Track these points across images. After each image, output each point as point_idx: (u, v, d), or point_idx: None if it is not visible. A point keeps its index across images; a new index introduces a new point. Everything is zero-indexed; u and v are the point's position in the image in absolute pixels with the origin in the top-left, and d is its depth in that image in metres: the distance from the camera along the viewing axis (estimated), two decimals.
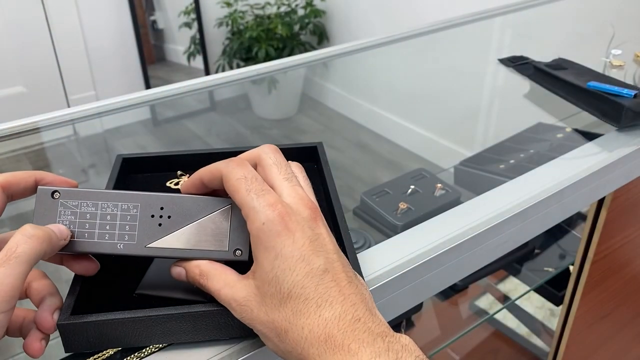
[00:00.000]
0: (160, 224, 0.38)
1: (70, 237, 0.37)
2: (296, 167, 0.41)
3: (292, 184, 0.37)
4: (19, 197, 0.39)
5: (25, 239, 0.33)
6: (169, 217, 0.38)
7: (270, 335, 0.34)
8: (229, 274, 0.37)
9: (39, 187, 0.38)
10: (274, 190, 0.36)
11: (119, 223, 0.38)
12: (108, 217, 0.38)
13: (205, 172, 0.38)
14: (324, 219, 0.37)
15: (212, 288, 0.36)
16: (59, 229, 0.36)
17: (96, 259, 0.40)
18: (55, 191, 0.38)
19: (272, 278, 0.34)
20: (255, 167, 0.38)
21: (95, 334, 0.36)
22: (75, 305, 0.37)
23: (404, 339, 0.33)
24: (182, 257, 0.38)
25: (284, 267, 0.34)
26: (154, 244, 0.38)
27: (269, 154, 0.38)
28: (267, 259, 0.34)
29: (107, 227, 0.38)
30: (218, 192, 0.40)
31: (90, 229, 0.37)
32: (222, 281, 0.36)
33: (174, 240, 0.38)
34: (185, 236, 0.38)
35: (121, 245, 0.37)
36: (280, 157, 0.39)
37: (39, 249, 0.33)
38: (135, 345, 0.38)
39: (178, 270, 0.38)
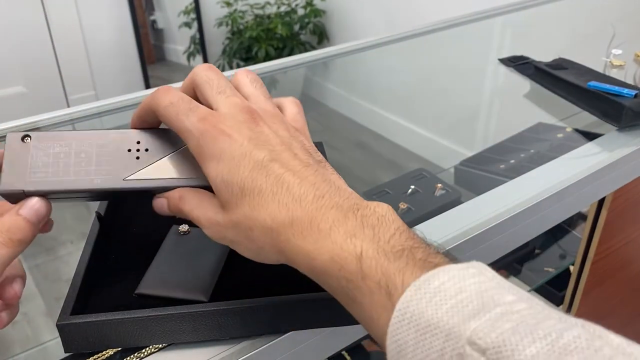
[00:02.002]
0: (137, 157, 0.37)
1: (45, 176, 0.35)
2: (243, 74, 0.38)
3: (226, 95, 0.35)
4: None
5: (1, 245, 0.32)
6: (147, 150, 0.37)
7: (241, 240, 0.33)
8: (203, 195, 0.35)
9: (8, 133, 0.36)
10: (211, 107, 0.35)
11: (95, 159, 0.36)
12: (83, 155, 0.36)
13: (141, 111, 0.37)
14: (271, 120, 0.35)
15: (185, 209, 0.35)
16: (37, 213, 0.34)
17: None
18: (26, 135, 0.36)
19: (220, 183, 0.33)
20: (194, 92, 0.37)
21: (95, 334, 0.36)
22: (75, 305, 0.37)
23: (380, 208, 0.31)
24: (161, 188, 0.37)
25: (228, 169, 0.32)
26: (132, 177, 0.36)
27: (200, 73, 0.36)
28: (212, 168, 0.33)
29: (83, 164, 0.36)
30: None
31: (65, 167, 0.36)
32: (195, 202, 0.35)
33: (153, 171, 0.37)
34: (164, 167, 0.37)
35: (98, 180, 0.36)
36: (213, 73, 0.36)
37: (13, 254, 0.33)
38: (135, 345, 0.38)
39: (160, 202, 0.37)
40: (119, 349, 0.38)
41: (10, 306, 0.36)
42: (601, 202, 0.73)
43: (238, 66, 2.89)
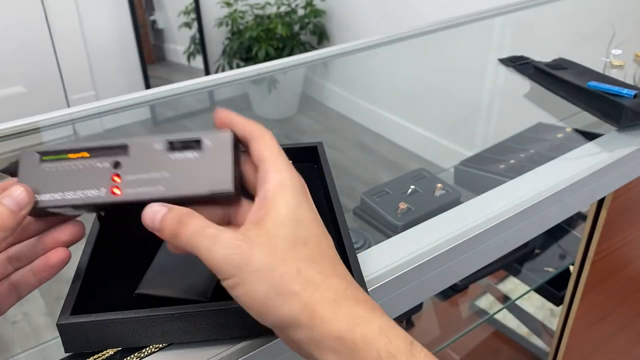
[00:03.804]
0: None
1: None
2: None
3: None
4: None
5: None
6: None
7: (267, 275, 0.31)
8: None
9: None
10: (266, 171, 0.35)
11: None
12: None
13: (240, 125, 0.36)
14: None
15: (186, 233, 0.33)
16: (16, 199, 0.34)
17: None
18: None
19: (291, 221, 0.33)
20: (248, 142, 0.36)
21: (95, 334, 0.36)
22: (75, 305, 0.37)
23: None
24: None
25: (304, 216, 0.33)
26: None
27: (274, 141, 0.37)
28: (290, 205, 0.33)
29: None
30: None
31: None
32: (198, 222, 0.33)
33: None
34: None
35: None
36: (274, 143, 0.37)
37: None
38: (135, 345, 0.38)
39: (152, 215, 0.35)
40: (119, 349, 0.38)
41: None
42: (601, 202, 0.73)
43: (238, 66, 2.89)
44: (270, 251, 0.31)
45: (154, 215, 0.34)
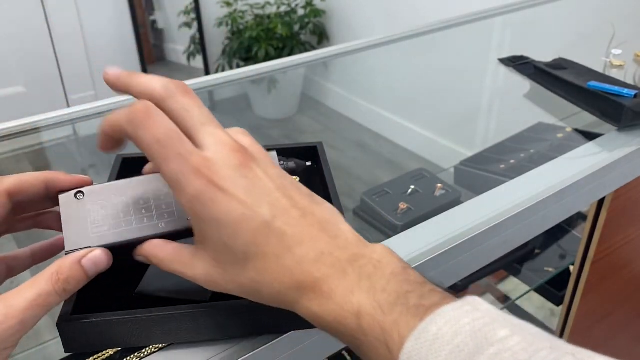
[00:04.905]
0: None
1: (108, 229, 0.36)
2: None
3: (212, 129, 0.33)
4: (29, 208, 0.38)
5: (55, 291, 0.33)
6: None
7: (246, 296, 0.33)
8: (178, 249, 0.35)
9: (60, 195, 0.36)
10: (193, 140, 0.32)
11: (154, 204, 0.37)
12: (141, 202, 0.37)
13: (112, 131, 0.33)
14: (259, 156, 0.34)
15: (164, 266, 0.35)
16: (96, 266, 0.34)
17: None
18: (79, 192, 0.36)
19: (223, 247, 0.32)
20: (158, 104, 0.33)
21: (95, 334, 0.36)
22: (75, 305, 0.37)
23: (377, 254, 0.32)
24: None
25: (229, 233, 0.31)
26: None
27: (176, 98, 0.33)
28: (211, 230, 0.32)
29: (143, 211, 0.36)
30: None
31: (126, 216, 0.36)
32: (178, 262, 0.34)
33: None
34: None
35: (163, 224, 0.36)
36: (190, 100, 0.33)
37: (57, 304, 0.33)
38: (135, 345, 0.38)
39: (141, 259, 0.36)
40: (119, 349, 0.38)
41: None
42: (601, 202, 0.73)
43: (238, 66, 2.88)
44: (232, 281, 0.33)
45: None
